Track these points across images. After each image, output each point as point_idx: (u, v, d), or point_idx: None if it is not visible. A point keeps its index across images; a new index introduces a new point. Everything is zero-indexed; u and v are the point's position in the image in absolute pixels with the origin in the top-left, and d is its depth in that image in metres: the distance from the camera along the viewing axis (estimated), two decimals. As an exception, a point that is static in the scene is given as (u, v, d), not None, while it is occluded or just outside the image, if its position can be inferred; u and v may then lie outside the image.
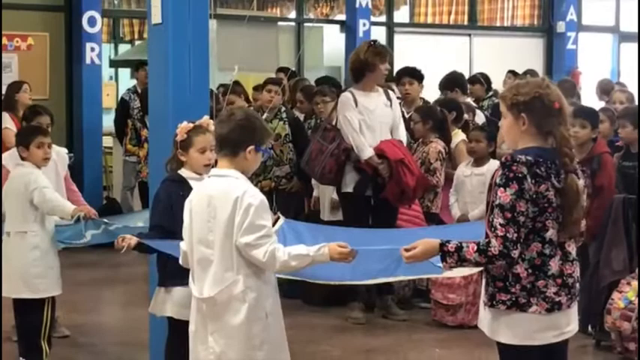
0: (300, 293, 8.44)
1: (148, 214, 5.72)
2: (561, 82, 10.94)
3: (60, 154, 7.20)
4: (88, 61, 12.21)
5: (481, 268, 4.16)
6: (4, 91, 9.77)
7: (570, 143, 4.07)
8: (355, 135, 7.74)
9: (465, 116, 8.90)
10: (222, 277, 4.22)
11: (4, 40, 11.52)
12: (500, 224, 3.94)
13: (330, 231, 5.07)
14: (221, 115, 4.46)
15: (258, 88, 10.24)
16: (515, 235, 3.93)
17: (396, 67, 9.63)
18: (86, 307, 8.36)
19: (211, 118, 5.31)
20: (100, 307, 8.94)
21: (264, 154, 4.42)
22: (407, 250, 4.09)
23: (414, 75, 9.00)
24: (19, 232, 6.39)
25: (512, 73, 11.38)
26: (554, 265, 4.04)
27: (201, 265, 4.29)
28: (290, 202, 8.75)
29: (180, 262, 4.51)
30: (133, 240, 5.01)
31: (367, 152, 7.71)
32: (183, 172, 5.22)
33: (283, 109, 9.07)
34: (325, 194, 8.59)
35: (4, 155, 7.33)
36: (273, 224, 4.44)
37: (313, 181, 8.79)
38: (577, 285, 4.14)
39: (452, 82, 9.76)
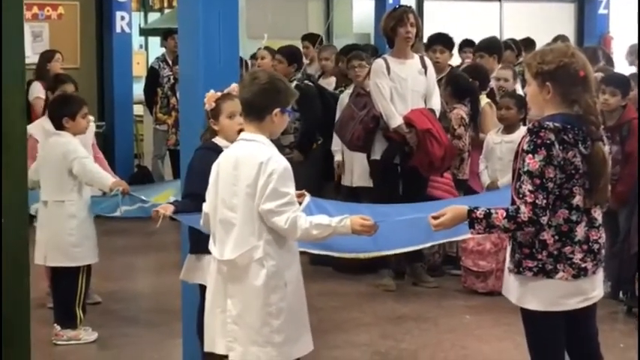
0: (330, 261, 8.47)
1: (179, 183, 5.76)
2: (584, 49, 10.83)
3: None
4: (118, 29, 12.25)
5: None
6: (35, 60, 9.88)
7: (596, 111, 4.07)
8: (385, 103, 7.72)
9: (491, 83, 8.88)
10: (244, 240, 4.21)
11: (36, 9, 11.58)
12: (529, 191, 3.95)
13: (355, 208, 5.08)
14: (244, 79, 4.43)
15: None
16: (545, 201, 3.95)
17: (426, 34, 9.57)
18: (118, 274, 8.45)
19: (241, 85, 5.32)
20: (133, 274, 9.02)
21: (289, 115, 4.42)
22: (435, 218, 4.11)
23: (445, 43, 8.93)
24: (56, 201, 6.46)
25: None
26: (580, 232, 4.06)
27: (223, 227, 4.29)
28: (301, 171, 8.74)
29: (201, 223, 4.52)
30: (169, 211, 5.05)
31: (396, 121, 7.69)
32: (218, 141, 5.25)
33: (298, 76, 9.01)
34: (353, 160, 8.56)
35: (31, 125, 7.36)
36: (299, 202, 4.43)
37: (333, 148, 8.77)
38: (602, 251, 4.15)
39: (492, 47, 9.64)
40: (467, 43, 10.70)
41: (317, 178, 8.97)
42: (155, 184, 9.07)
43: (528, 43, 10.90)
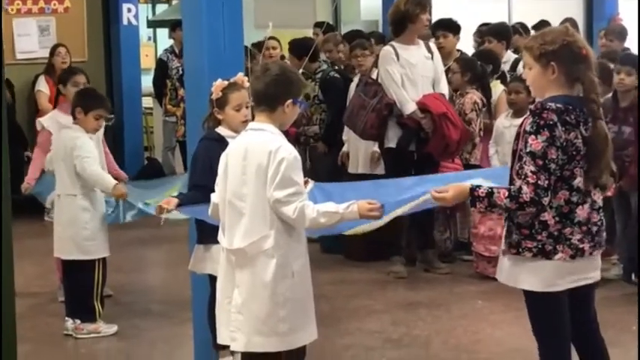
0: (341, 249, 8.47)
1: (185, 178, 5.76)
2: (611, 27, 10.76)
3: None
4: (125, 22, 12.20)
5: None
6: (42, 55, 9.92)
7: (597, 89, 4.09)
8: (397, 89, 7.68)
9: (503, 67, 8.84)
10: (253, 230, 4.20)
11: (42, 3, 11.57)
12: (531, 171, 3.95)
13: (357, 185, 5.07)
14: (256, 70, 4.43)
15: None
16: (547, 182, 3.95)
17: (434, 19, 9.52)
18: (129, 267, 8.45)
19: (246, 75, 5.30)
20: (144, 267, 9.03)
21: (301, 106, 4.41)
22: (437, 193, 4.12)
23: (448, 27, 8.88)
24: (69, 195, 6.46)
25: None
26: (581, 213, 4.05)
27: (233, 217, 4.27)
28: (323, 161, 8.77)
29: (209, 213, 4.51)
30: (172, 204, 5.03)
31: (410, 107, 7.65)
32: (221, 131, 5.23)
33: (324, 67, 9.00)
34: (359, 148, 8.54)
35: (44, 118, 7.39)
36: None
37: (344, 137, 8.75)
38: (602, 234, 4.15)
39: (499, 32, 9.57)
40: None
41: (339, 168, 8.98)
42: (163, 179, 9.01)
43: (543, 26, 10.77)
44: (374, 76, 8.05)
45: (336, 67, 9.38)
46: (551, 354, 4.17)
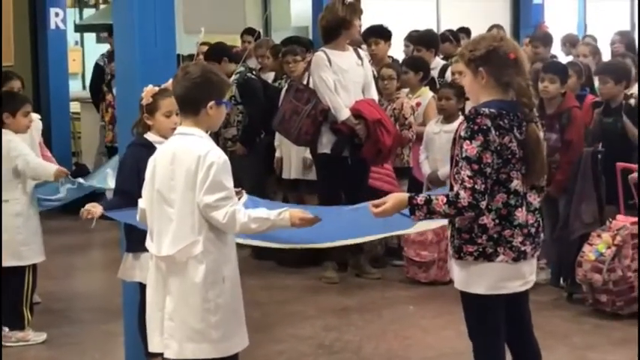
0: (273, 255, 8.45)
1: (116, 160, 5.73)
2: (536, 34, 11.00)
3: (34, 121, 7.09)
4: (52, 26, 12.06)
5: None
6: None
7: (529, 92, 4.14)
8: (332, 96, 7.68)
9: (432, 74, 8.94)
10: (182, 236, 4.15)
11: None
12: (467, 176, 3.99)
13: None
14: (176, 74, 4.36)
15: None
16: (483, 186, 4.00)
17: (365, 26, 9.57)
18: (59, 274, 8.33)
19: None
20: (73, 273, 8.90)
21: (227, 107, 4.38)
22: (376, 207, 4.12)
23: (379, 34, 8.94)
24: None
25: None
26: (520, 216, 4.11)
27: (161, 223, 4.22)
28: (244, 163, 8.78)
29: (138, 219, 4.46)
30: (97, 211, 4.97)
31: (344, 113, 7.66)
32: (150, 137, 5.20)
33: (241, 69, 8.98)
34: (291, 153, 8.56)
35: None
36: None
37: (276, 142, 8.75)
38: (541, 235, 4.23)
39: (428, 41, 9.67)
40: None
41: (259, 171, 8.95)
42: (94, 172, 8.88)
43: (465, 32, 10.96)
44: (305, 81, 8.04)
45: (253, 71, 9.36)
46: (488, 355, 4.22)
